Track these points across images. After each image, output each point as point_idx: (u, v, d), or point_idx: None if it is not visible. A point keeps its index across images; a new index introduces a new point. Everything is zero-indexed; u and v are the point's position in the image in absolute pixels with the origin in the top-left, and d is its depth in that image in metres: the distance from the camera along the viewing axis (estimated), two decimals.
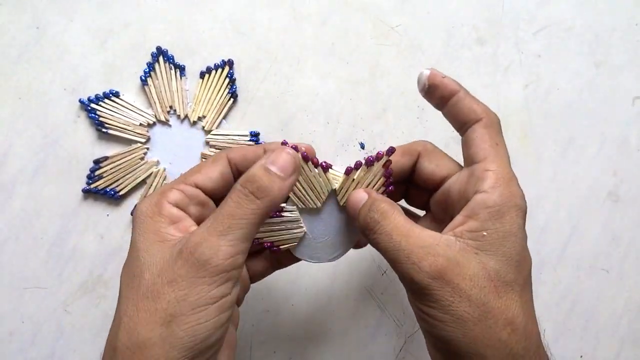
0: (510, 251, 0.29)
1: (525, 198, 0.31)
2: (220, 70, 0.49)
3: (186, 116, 0.49)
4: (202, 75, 0.49)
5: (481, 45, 0.51)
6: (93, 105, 0.48)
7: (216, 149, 0.49)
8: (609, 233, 0.50)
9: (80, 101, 0.48)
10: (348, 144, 0.50)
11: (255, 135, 0.49)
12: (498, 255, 0.29)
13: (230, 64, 0.49)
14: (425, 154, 0.35)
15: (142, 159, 0.49)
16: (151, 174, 0.49)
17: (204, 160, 0.46)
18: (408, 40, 0.51)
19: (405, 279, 0.29)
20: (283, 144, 0.33)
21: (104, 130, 0.48)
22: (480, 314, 0.28)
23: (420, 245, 0.29)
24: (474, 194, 0.30)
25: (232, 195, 0.30)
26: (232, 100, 0.49)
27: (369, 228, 0.31)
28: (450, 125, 0.34)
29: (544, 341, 0.30)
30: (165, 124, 0.49)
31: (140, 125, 0.49)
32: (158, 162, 0.49)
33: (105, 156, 0.48)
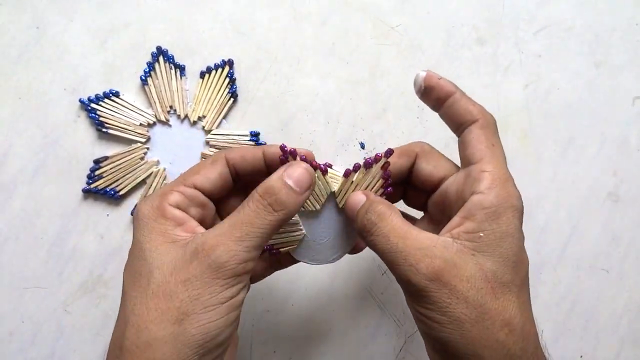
0: (507, 252, 0.29)
1: (521, 198, 0.31)
2: (220, 70, 0.49)
3: (186, 116, 0.49)
4: (202, 75, 0.49)
5: (481, 45, 0.51)
6: (93, 105, 0.48)
7: (216, 149, 0.49)
8: (609, 233, 0.50)
9: (80, 101, 0.48)
10: (348, 143, 0.50)
11: (255, 135, 0.49)
12: (495, 256, 0.29)
13: (230, 63, 0.49)
14: (423, 155, 0.35)
15: (142, 158, 0.49)
16: (151, 173, 0.49)
17: (203, 160, 0.46)
18: (408, 40, 0.51)
19: (403, 281, 0.30)
20: (281, 147, 0.33)
21: (104, 130, 0.48)
22: (477, 315, 0.28)
23: (418, 247, 0.29)
24: (471, 195, 0.30)
25: (250, 204, 0.30)
26: (232, 100, 0.49)
27: (367, 230, 0.31)
28: None
29: (542, 342, 0.30)
30: (166, 123, 0.49)
31: (141, 125, 0.49)
32: (158, 162, 0.49)
33: (105, 156, 0.48)
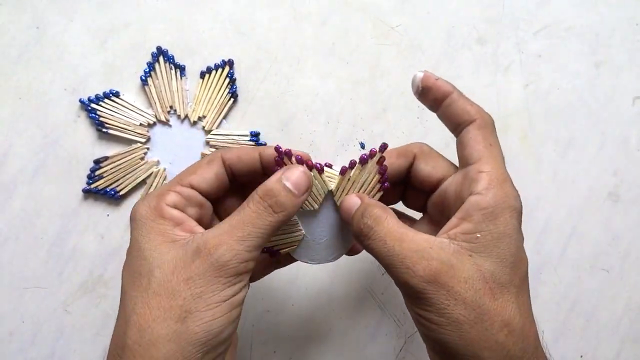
0: (505, 252, 0.29)
1: (520, 199, 0.30)
2: (220, 70, 0.49)
3: (186, 116, 0.49)
4: (202, 75, 0.49)
5: (481, 45, 0.51)
6: (93, 105, 0.48)
7: (216, 149, 0.49)
8: (609, 233, 0.50)
9: (81, 101, 0.48)
10: (348, 144, 0.50)
11: (255, 135, 0.49)
12: (492, 257, 0.29)
13: (230, 64, 0.49)
14: (421, 156, 0.35)
15: (142, 159, 0.49)
16: (151, 174, 0.49)
17: (199, 160, 0.46)
18: (408, 40, 0.51)
19: (401, 283, 0.30)
20: (276, 149, 0.33)
21: (104, 130, 0.48)
22: (476, 316, 0.28)
23: (414, 250, 0.29)
24: (469, 196, 0.30)
25: (251, 205, 0.31)
26: (232, 100, 0.49)
27: (363, 234, 0.31)
28: None
29: (543, 342, 0.30)
30: (166, 124, 0.49)
31: (141, 125, 0.49)
32: (158, 162, 0.49)
33: (106, 156, 0.48)
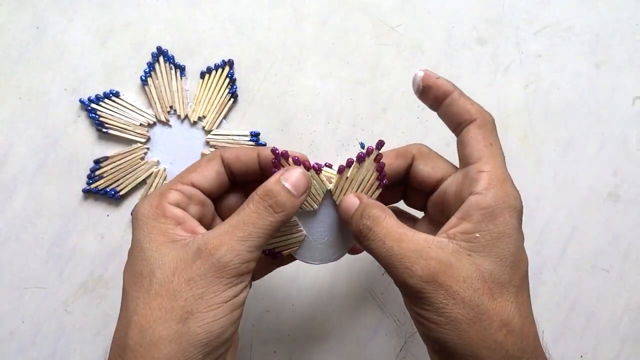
0: (504, 252, 0.29)
1: (520, 198, 0.30)
2: (220, 70, 0.49)
3: (186, 116, 0.49)
4: (203, 75, 0.49)
5: (481, 45, 0.51)
6: (93, 105, 0.48)
7: (216, 149, 0.49)
8: (609, 233, 0.50)
9: (81, 101, 0.48)
10: (348, 144, 0.50)
11: (255, 135, 0.49)
12: (492, 257, 0.29)
13: (230, 64, 0.49)
14: (420, 157, 0.35)
15: (143, 159, 0.49)
16: (151, 174, 0.49)
17: (199, 159, 0.46)
18: (408, 40, 0.51)
19: (400, 283, 0.30)
20: (273, 150, 0.33)
21: (104, 130, 0.48)
22: (474, 315, 0.28)
23: (413, 249, 0.29)
24: (469, 196, 0.30)
25: (251, 205, 0.31)
26: (233, 100, 0.49)
27: (362, 235, 0.31)
28: None
29: (543, 342, 0.30)
30: (166, 124, 0.49)
31: (141, 125, 0.49)
32: (158, 162, 0.49)
33: (106, 156, 0.48)
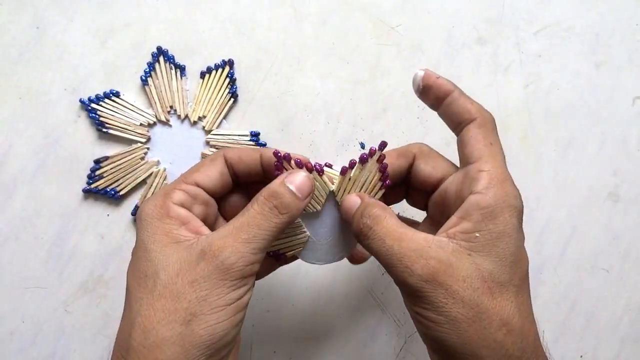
0: (504, 252, 0.29)
1: (520, 198, 0.30)
2: (220, 70, 0.49)
3: (186, 116, 0.49)
4: (203, 75, 0.49)
5: (481, 45, 0.51)
6: (93, 105, 0.48)
7: (217, 149, 0.49)
8: (609, 233, 0.50)
9: (81, 101, 0.48)
10: (348, 144, 0.50)
11: (255, 135, 0.49)
12: (491, 256, 0.29)
13: (230, 63, 0.49)
14: (421, 156, 0.35)
15: (143, 158, 0.49)
16: (151, 174, 0.49)
17: (202, 159, 0.46)
18: (408, 40, 0.51)
19: (399, 282, 0.30)
20: (275, 153, 0.33)
21: (104, 130, 0.48)
22: (474, 314, 0.28)
23: (413, 249, 0.29)
24: (469, 195, 0.30)
25: (256, 207, 0.31)
26: (233, 100, 0.49)
27: (363, 234, 0.31)
28: None
29: (543, 342, 0.30)
30: (166, 123, 0.49)
31: (141, 125, 0.49)
32: (158, 162, 0.49)
33: (106, 156, 0.48)
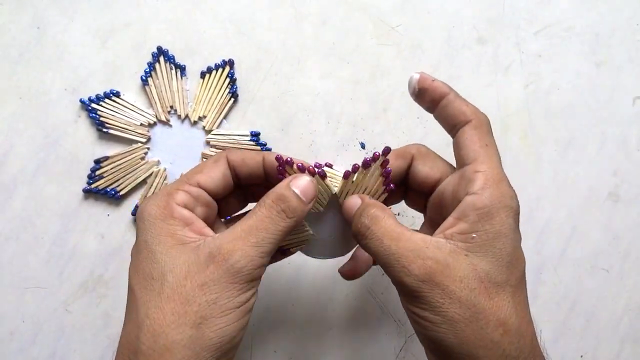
0: (501, 252, 0.29)
1: (516, 198, 0.31)
2: (220, 70, 0.49)
3: (187, 116, 0.49)
4: (203, 75, 0.49)
5: (481, 45, 0.51)
6: (94, 105, 0.48)
7: (217, 149, 0.49)
8: (609, 233, 0.50)
9: (81, 101, 0.48)
10: (348, 143, 0.50)
11: (255, 135, 0.49)
12: (488, 257, 0.29)
13: (230, 63, 0.49)
14: (419, 157, 0.35)
15: (143, 158, 0.49)
16: (152, 173, 0.49)
17: (204, 160, 0.46)
18: (408, 40, 0.51)
19: (396, 282, 0.30)
20: (277, 158, 0.33)
21: (104, 130, 0.48)
22: (471, 315, 0.28)
23: (410, 249, 0.29)
24: (465, 196, 0.30)
25: (263, 210, 0.31)
26: (233, 100, 0.49)
27: (361, 233, 0.31)
28: None
29: (542, 342, 0.30)
30: (166, 123, 0.49)
31: (141, 125, 0.49)
32: (159, 162, 0.49)
33: (106, 156, 0.48)
